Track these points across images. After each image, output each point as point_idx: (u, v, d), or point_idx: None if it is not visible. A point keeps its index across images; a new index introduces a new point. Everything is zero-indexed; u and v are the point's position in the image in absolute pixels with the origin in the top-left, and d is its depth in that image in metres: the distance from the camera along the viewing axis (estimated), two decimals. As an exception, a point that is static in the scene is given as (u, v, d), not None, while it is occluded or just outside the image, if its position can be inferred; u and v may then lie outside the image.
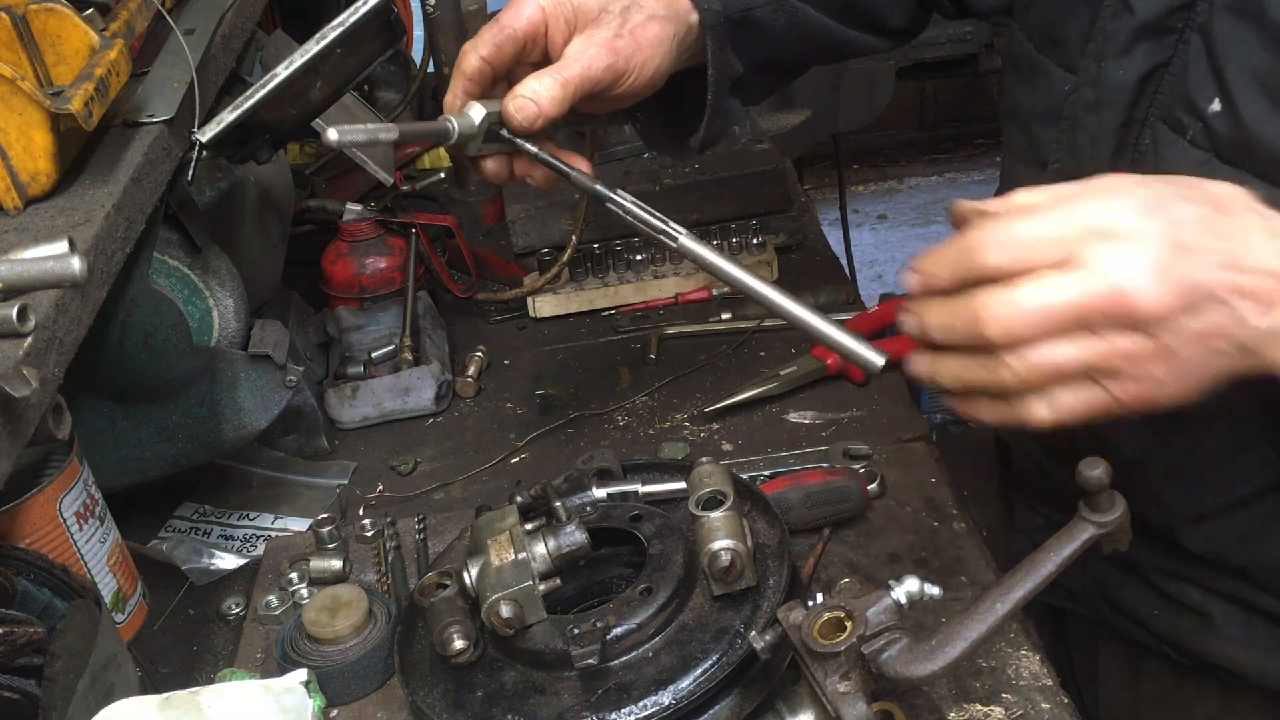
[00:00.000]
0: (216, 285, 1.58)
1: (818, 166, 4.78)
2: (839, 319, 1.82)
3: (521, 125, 1.15)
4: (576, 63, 1.16)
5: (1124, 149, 1.10)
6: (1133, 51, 1.06)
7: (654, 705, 1.06)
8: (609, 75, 1.17)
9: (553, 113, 1.14)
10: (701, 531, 1.10)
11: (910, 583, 0.96)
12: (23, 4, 1.14)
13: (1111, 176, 0.88)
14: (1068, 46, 1.15)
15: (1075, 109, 1.14)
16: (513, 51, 1.18)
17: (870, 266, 4.94)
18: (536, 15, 1.17)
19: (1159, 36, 1.04)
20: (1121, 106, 1.08)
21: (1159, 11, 1.03)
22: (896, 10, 1.44)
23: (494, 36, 1.17)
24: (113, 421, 1.50)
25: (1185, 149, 1.04)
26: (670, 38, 1.21)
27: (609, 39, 1.17)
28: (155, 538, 1.60)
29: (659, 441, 1.65)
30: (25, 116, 1.08)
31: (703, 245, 1.14)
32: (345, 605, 1.29)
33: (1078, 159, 1.15)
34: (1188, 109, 1.03)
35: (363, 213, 1.92)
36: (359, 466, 1.70)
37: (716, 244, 1.98)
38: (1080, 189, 0.87)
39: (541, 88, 1.14)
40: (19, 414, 0.92)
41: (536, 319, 1.97)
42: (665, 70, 1.23)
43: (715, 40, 1.26)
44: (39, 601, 1.14)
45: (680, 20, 1.23)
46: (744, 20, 1.29)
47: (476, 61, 1.17)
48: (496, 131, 1.17)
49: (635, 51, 1.18)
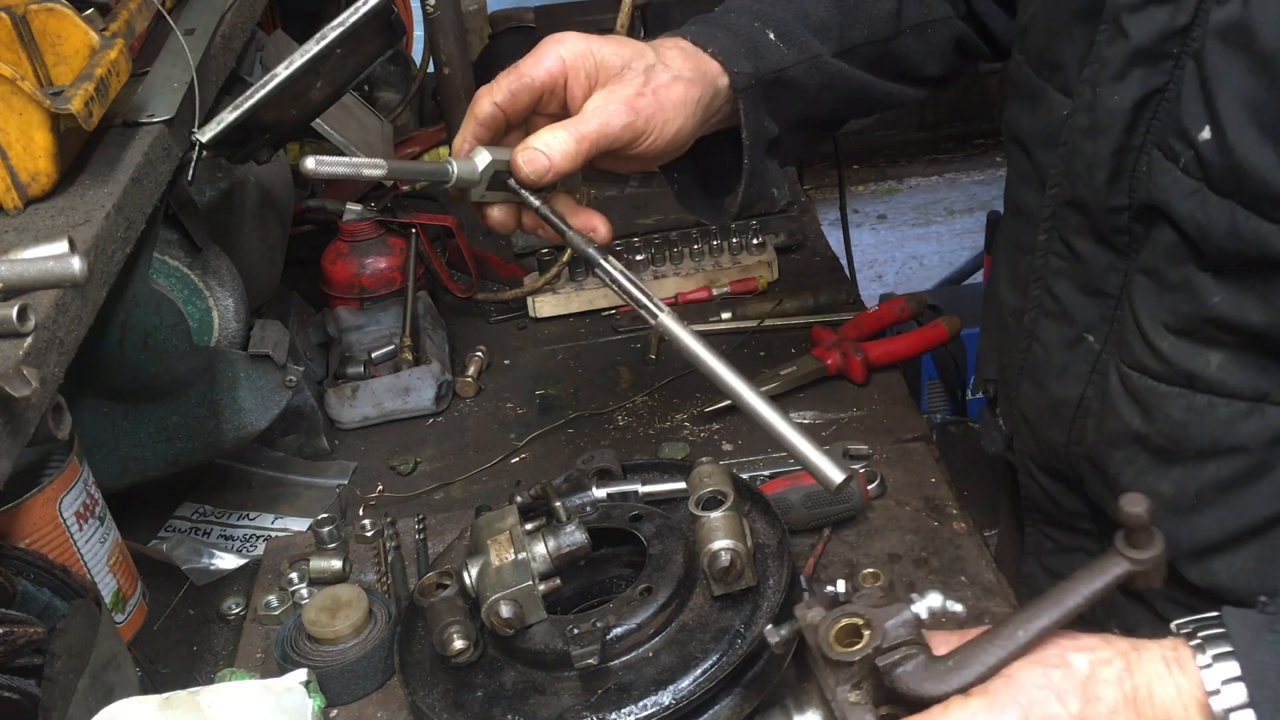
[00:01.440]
0: (216, 285, 1.58)
1: (818, 166, 4.79)
2: (839, 318, 1.84)
3: (529, 178, 1.12)
4: (595, 119, 1.12)
5: (1120, 175, 1.08)
6: (1127, 77, 1.04)
7: (654, 705, 1.06)
8: (627, 134, 1.14)
9: (564, 168, 1.11)
10: (701, 531, 1.10)
11: (933, 598, 0.95)
12: (23, 4, 1.14)
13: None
14: (1065, 70, 1.13)
15: (1072, 134, 1.11)
16: (528, 101, 1.15)
17: (870, 266, 4.94)
18: (556, 66, 1.14)
19: (1154, 62, 1.01)
20: (1117, 132, 1.06)
21: (1154, 37, 1.00)
22: (931, 59, 1.39)
23: (511, 84, 1.14)
24: (113, 421, 1.50)
25: (1178, 177, 1.01)
26: (694, 101, 1.18)
27: (630, 97, 1.14)
28: (155, 538, 1.60)
29: (659, 441, 1.65)
30: (25, 116, 1.08)
31: (681, 326, 1.10)
32: (345, 605, 1.29)
33: (1074, 185, 1.13)
34: (1180, 136, 1.00)
35: (363, 213, 1.92)
36: (359, 466, 1.70)
37: (709, 244, 1.98)
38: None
39: (555, 141, 1.11)
40: (19, 414, 0.92)
41: (536, 319, 1.97)
42: (688, 133, 1.19)
43: (748, 103, 1.23)
44: (39, 601, 1.14)
45: (707, 83, 1.20)
46: (777, 81, 1.26)
47: (490, 107, 1.14)
48: (504, 180, 1.14)
49: (656, 112, 1.15)
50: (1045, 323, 1.23)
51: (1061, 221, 1.17)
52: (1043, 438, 1.28)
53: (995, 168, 5.59)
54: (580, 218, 1.18)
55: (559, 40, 1.15)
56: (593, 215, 1.19)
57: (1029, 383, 1.27)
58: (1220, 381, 1.07)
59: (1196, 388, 1.08)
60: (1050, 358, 1.23)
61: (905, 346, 1.76)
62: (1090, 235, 1.14)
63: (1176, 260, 1.05)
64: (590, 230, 1.17)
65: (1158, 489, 1.15)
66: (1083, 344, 1.19)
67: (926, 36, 1.37)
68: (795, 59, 1.27)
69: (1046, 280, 1.21)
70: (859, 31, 1.33)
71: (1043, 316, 1.23)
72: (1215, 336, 1.06)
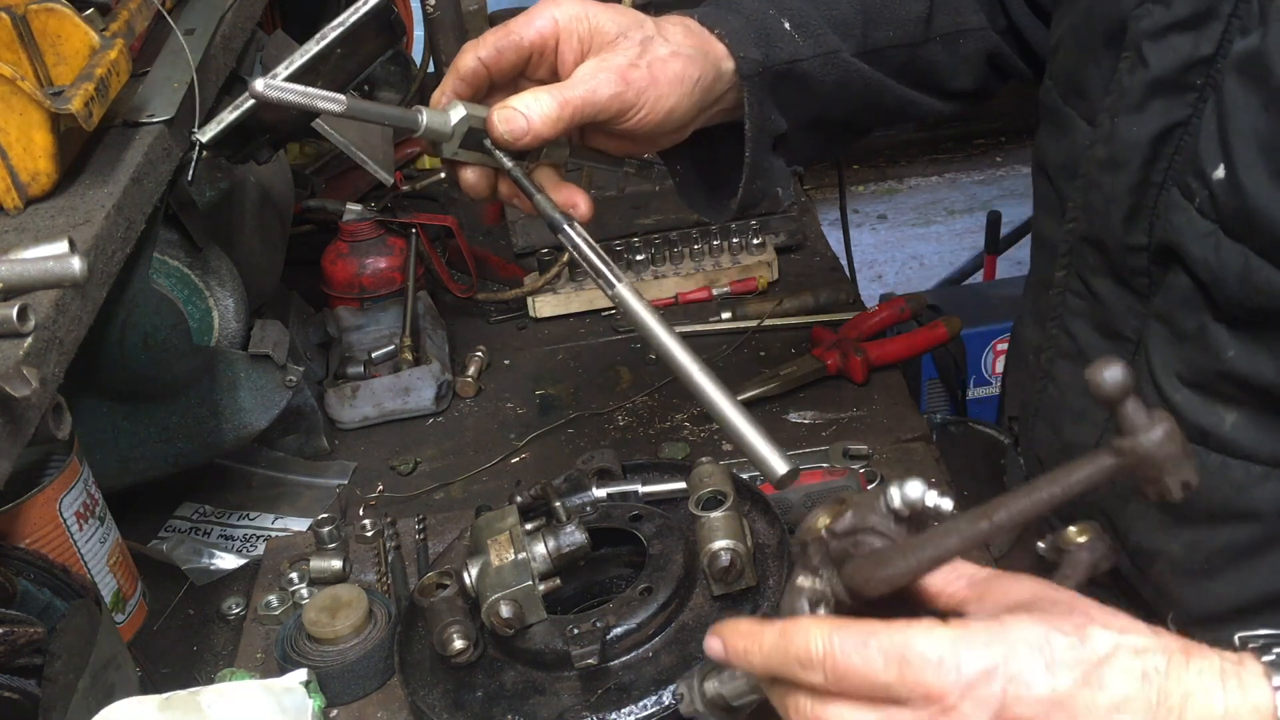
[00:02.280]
0: (216, 285, 1.58)
1: (818, 166, 4.78)
2: (839, 318, 1.84)
3: (504, 138, 1.04)
4: (582, 85, 1.05)
5: (1139, 213, 1.02)
6: (1146, 108, 0.97)
7: (654, 705, 1.06)
8: (615, 104, 1.06)
9: (544, 132, 1.04)
10: (701, 531, 1.10)
11: (911, 487, 0.78)
12: (23, 4, 1.14)
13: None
14: (1089, 98, 1.06)
15: (1090, 166, 1.06)
16: (514, 59, 1.08)
17: (870, 266, 4.94)
18: (548, 27, 1.07)
19: (1176, 93, 0.95)
20: (1135, 167, 1.00)
21: (1175, 67, 0.94)
22: (961, 72, 1.30)
23: (498, 40, 1.07)
24: (113, 421, 1.50)
25: (1193, 218, 0.95)
26: (693, 80, 1.10)
27: (623, 66, 1.06)
28: (155, 538, 1.60)
29: (659, 441, 1.65)
30: (25, 116, 1.08)
31: (637, 299, 1.04)
32: (345, 605, 1.29)
33: (1091, 220, 1.07)
34: (1196, 174, 0.94)
35: (363, 213, 1.92)
36: (359, 466, 1.70)
37: (709, 244, 1.98)
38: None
39: (537, 103, 1.03)
40: (19, 414, 0.92)
41: (536, 319, 1.97)
42: (683, 113, 1.11)
43: (753, 92, 1.15)
44: (39, 601, 1.14)
45: (710, 64, 1.12)
46: (789, 74, 1.17)
47: (473, 62, 1.07)
48: (480, 140, 1.07)
49: (650, 85, 1.07)
50: (1062, 363, 1.18)
51: (1079, 258, 1.11)
52: None
53: (995, 168, 5.59)
54: (562, 193, 1.10)
55: (555, 2, 1.09)
56: (575, 191, 1.11)
57: (1044, 425, 1.22)
58: (1234, 442, 1.01)
59: (1210, 446, 1.02)
60: (1065, 400, 1.18)
61: (905, 346, 1.76)
62: (1108, 275, 1.08)
63: (1191, 308, 1.00)
64: (571, 206, 1.10)
65: (1168, 548, 1.10)
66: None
67: (957, 46, 1.29)
68: (811, 52, 1.19)
69: (1064, 319, 1.16)
70: (884, 33, 1.25)
71: (1059, 357, 1.18)
72: (1230, 394, 1.00)
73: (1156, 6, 0.97)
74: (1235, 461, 1.02)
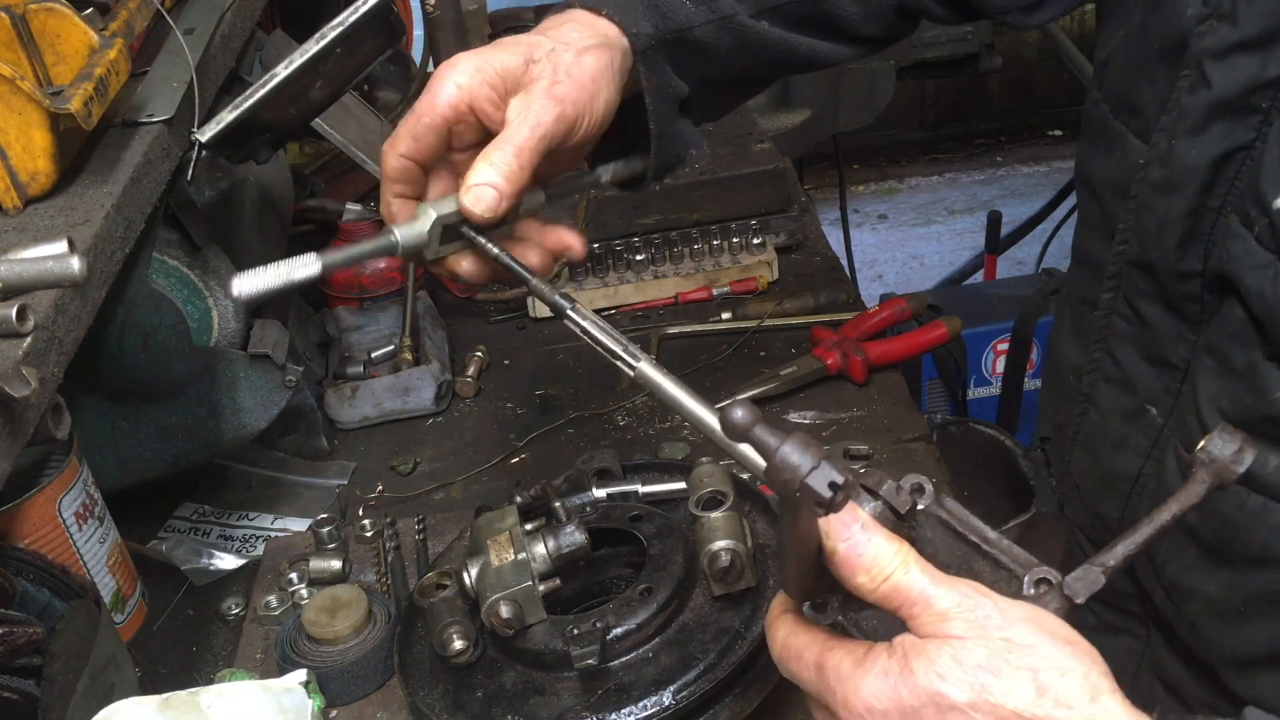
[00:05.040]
0: (216, 285, 1.58)
1: (818, 166, 4.78)
2: (839, 318, 1.84)
3: (483, 217, 0.99)
4: (524, 124, 1.00)
5: (1194, 239, 0.98)
6: (1208, 131, 0.93)
7: (654, 705, 1.06)
8: (562, 126, 1.03)
9: (515, 189, 1.00)
10: (701, 531, 1.10)
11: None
12: (22, 4, 1.14)
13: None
14: (1144, 115, 1.02)
15: (1144, 188, 1.02)
16: (435, 141, 1.03)
17: (870, 266, 4.94)
18: (454, 95, 1.02)
19: (1239, 116, 0.91)
20: (1192, 191, 0.96)
21: (1240, 88, 0.90)
22: (870, 21, 1.27)
23: (411, 129, 1.02)
24: (113, 421, 1.50)
25: (1251, 247, 0.91)
26: (608, 66, 1.07)
27: (547, 88, 1.02)
28: (155, 538, 1.59)
29: (659, 441, 1.65)
30: (25, 116, 1.08)
31: (661, 373, 0.99)
32: (345, 605, 1.29)
33: (1143, 244, 1.03)
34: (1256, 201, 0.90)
35: (363, 213, 1.92)
36: (359, 466, 1.70)
37: (709, 244, 1.98)
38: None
39: (493, 168, 0.99)
40: (19, 414, 0.92)
41: (536, 319, 1.97)
42: (614, 101, 1.09)
43: (649, 66, 1.12)
44: (38, 601, 1.14)
45: (612, 45, 1.09)
46: (681, 40, 1.15)
47: (397, 161, 1.03)
48: (457, 230, 1.03)
49: (579, 92, 1.04)
50: (1104, 388, 1.16)
51: (1128, 282, 1.09)
52: (1095, 510, 1.20)
53: (995, 168, 5.60)
54: (551, 238, 1.09)
55: (451, 66, 1.04)
56: (564, 233, 1.10)
57: (1082, 451, 1.20)
58: (1277, 485, 0.98)
59: (1252, 487, 0.99)
60: (1108, 427, 1.15)
61: (905, 346, 1.76)
62: (1158, 300, 1.06)
63: (1243, 343, 0.97)
64: (564, 249, 1.09)
65: (1205, 588, 1.08)
66: (1144, 416, 1.10)
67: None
68: (705, 18, 1.15)
69: (1109, 342, 1.13)
70: None
71: (1102, 381, 1.16)
72: (1276, 435, 0.97)
73: (1221, 24, 0.92)
74: (1277, 505, 0.99)
